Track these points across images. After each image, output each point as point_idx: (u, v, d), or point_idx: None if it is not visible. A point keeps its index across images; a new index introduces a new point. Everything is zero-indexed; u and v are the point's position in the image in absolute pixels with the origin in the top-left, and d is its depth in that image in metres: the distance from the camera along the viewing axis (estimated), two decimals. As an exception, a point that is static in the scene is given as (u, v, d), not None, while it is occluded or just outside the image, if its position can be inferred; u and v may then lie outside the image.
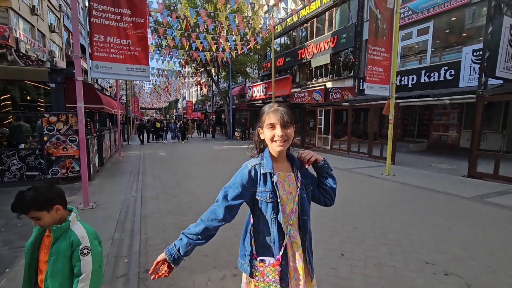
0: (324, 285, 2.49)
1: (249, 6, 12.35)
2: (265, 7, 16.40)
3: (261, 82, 20.57)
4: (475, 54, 9.49)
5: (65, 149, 6.35)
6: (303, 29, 19.50)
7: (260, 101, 19.63)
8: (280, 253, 1.22)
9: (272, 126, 1.22)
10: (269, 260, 1.21)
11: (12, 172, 6.14)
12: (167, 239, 3.45)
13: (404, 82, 12.12)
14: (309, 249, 1.33)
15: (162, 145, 17.12)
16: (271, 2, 11.95)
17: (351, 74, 15.12)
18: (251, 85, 21.94)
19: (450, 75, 10.54)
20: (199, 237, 1.21)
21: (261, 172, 1.24)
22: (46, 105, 8.99)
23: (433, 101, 9.32)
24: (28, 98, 9.21)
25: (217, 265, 2.84)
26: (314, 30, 18.30)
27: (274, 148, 1.24)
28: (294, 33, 20.66)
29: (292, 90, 17.00)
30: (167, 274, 1.22)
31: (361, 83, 14.05)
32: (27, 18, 16.78)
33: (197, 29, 16.28)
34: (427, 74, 11.35)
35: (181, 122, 21.17)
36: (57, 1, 22.54)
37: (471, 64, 9.69)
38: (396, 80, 7.94)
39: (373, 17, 7.15)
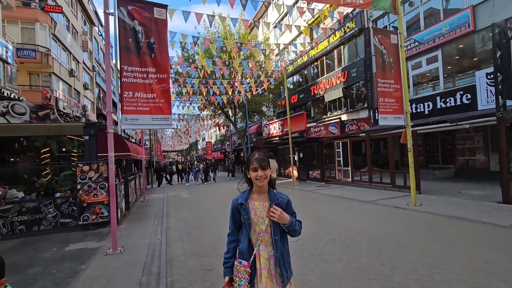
0: (352, 326, 2.41)
1: (261, 52, 13.30)
2: (276, 51, 17.55)
3: (277, 120, 21.15)
4: (489, 77, 9.46)
5: (95, 196, 6.76)
6: (314, 67, 20.39)
7: (277, 138, 19.98)
8: (250, 260, 1.69)
9: (255, 169, 1.71)
10: (243, 262, 1.68)
11: (48, 220, 6.54)
12: (193, 282, 3.49)
13: (420, 109, 12.08)
14: (282, 263, 1.71)
15: (184, 187, 17.48)
16: (281, 46, 12.84)
17: (365, 105, 15.30)
18: (268, 123, 22.57)
19: (467, 99, 10.43)
20: (232, 255, 1.78)
21: (238, 202, 1.76)
22: (79, 155, 9.74)
23: (451, 127, 9.17)
24: (64, 149, 10.05)
25: None
26: (325, 67, 19.09)
27: (257, 184, 1.73)
28: (305, 71, 21.60)
29: (308, 125, 17.30)
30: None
31: (376, 113, 14.11)
32: (66, 80, 18.90)
33: (213, 75, 17.52)
34: (442, 99, 11.31)
35: (204, 163, 20.85)
36: (90, 62, 25.34)
37: (486, 87, 9.61)
38: (410, 108, 8.01)
39: (379, 53, 7.51)
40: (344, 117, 16.56)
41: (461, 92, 10.67)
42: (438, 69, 11.90)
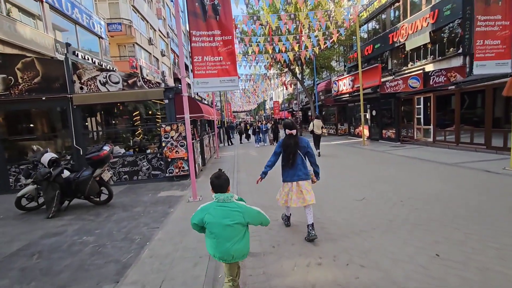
0: (411, 283, 2.41)
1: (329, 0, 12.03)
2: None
3: (347, 75, 19.56)
4: None
5: (177, 152, 7.79)
6: (394, 9, 17.53)
7: (347, 95, 18.69)
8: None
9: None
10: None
11: (143, 171, 7.94)
12: (261, 227, 3.91)
13: (539, 51, 9.46)
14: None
15: (253, 146, 18.13)
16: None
17: (460, 51, 12.75)
18: (337, 79, 21.12)
19: None
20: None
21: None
22: (162, 117, 11.14)
23: None
24: (150, 112, 11.61)
25: (302, 253, 3.11)
26: (408, 7, 16.22)
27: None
28: (383, 16, 18.81)
29: (383, 79, 15.56)
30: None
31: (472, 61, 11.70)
32: (146, 48, 20.95)
33: (279, 31, 16.87)
34: None
35: (272, 122, 19.45)
36: (164, 29, 27.17)
37: None
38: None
39: (481, -19, 5.99)
40: (429, 68, 14.27)
41: None
42: None
